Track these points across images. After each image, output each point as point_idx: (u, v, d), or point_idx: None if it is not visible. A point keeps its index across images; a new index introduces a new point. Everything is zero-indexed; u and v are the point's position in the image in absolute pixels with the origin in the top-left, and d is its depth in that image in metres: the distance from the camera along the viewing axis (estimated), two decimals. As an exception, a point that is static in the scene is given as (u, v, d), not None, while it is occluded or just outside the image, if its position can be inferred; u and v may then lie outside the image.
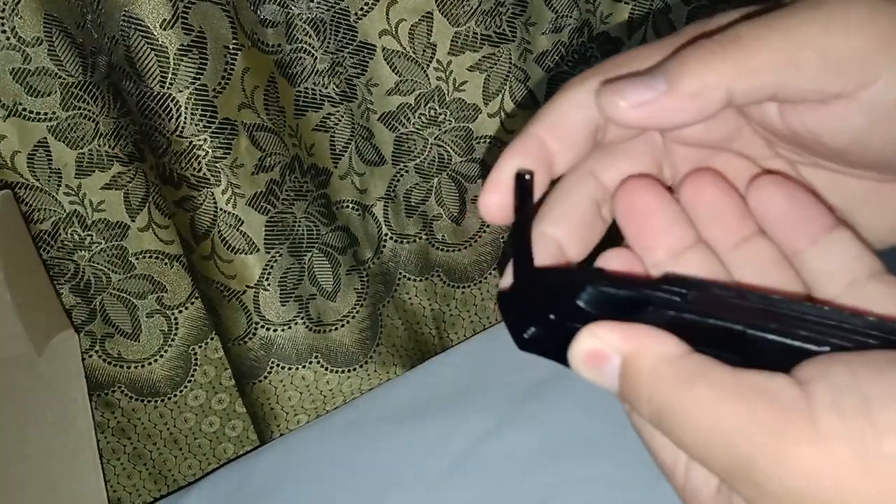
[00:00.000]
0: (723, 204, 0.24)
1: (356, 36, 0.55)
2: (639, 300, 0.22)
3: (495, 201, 0.23)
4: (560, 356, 0.22)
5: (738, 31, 0.21)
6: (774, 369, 0.19)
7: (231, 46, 0.50)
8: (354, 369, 0.60)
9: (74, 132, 0.53)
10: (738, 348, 0.20)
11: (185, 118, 0.49)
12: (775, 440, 0.18)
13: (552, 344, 0.22)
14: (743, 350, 0.21)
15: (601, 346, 0.21)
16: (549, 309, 0.22)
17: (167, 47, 0.47)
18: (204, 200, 0.51)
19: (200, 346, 0.62)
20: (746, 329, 0.21)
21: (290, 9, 0.52)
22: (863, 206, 0.24)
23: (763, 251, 0.24)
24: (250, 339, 0.56)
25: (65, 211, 0.55)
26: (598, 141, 0.24)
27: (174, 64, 0.47)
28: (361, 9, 0.54)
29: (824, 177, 0.24)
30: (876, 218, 0.24)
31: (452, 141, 0.61)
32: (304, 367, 0.58)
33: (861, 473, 0.17)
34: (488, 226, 0.64)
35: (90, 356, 0.60)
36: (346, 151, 0.58)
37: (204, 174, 0.51)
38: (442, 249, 0.64)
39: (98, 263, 0.57)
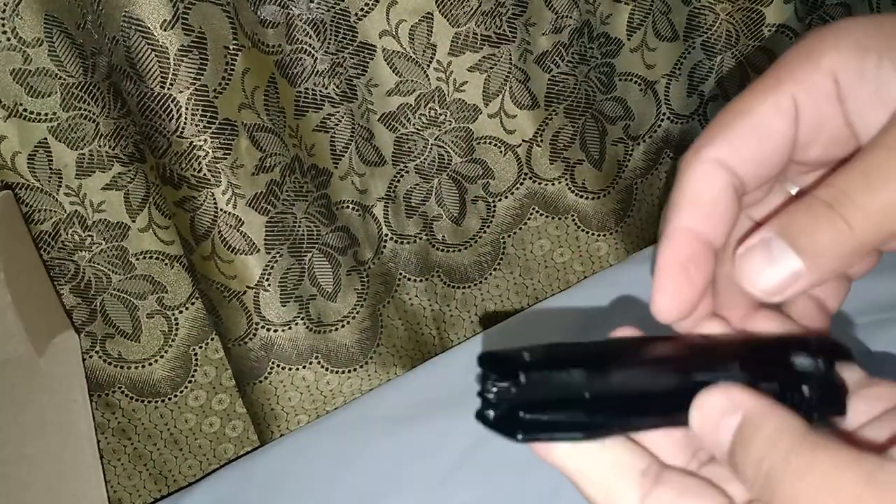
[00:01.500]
0: None
1: (356, 36, 0.55)
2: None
3: (669, 304, 0.23)
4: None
5: (856, 199, 0.20)
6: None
7: (231, 47, 0.50)
8: (355, 370, 0.60)
9: (75, 133, 0.53)
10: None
11: (186, 119, 0.49)
12: None
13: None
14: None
15: (730, 403, 0.21)
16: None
17: (167, 48, 0.47)
18: (204, 201, 0.52)
19: (201, 347, 0.62)
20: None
21: (291, 9, 0.53)
22: None
23: None
24: (250, 339, 0.56)
25: (65, 211, 0.55)
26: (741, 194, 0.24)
27: (174, 64, 0.47)
28: (361, 9, 0.54)
29: None
30: None
31: (452, 141, 0.61)
32: (304, 367, 0.58)
33: None
34: (488, 226, 0.64)
35: (90, 357, 0.60)
36: (346, 152, 0.58)
37: (204, 175, 0.51)
38: (442, 250, 0.64)
39: (98, 264, 0.57)
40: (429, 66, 0.57)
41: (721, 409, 0.21)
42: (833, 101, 0.22)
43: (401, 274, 0.64)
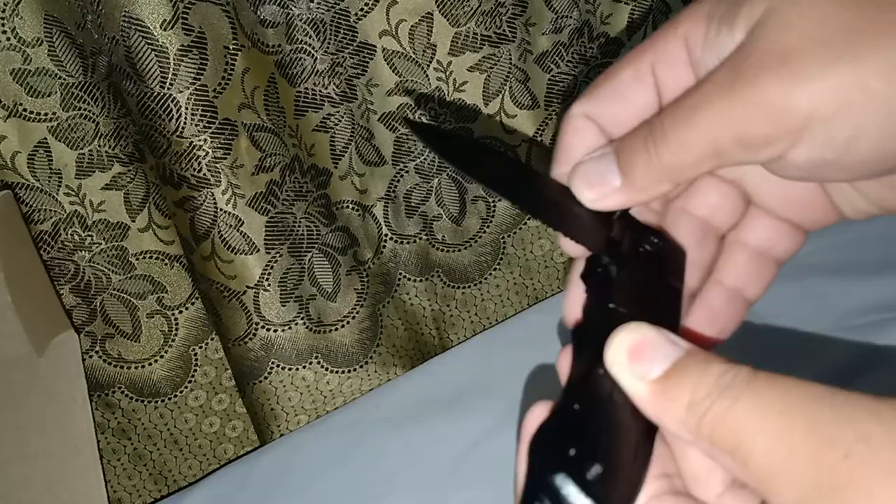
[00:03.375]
0: None
1: (356, 36, 0.55)
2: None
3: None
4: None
5: (665, 130, 0.22)
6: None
7: (231, 47, 0.50)
8: (354, 370, 0.60)
9: (75, 133, 0.53)
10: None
11: (186, 119, 0.49)
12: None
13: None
14: None
15: (667, 338, 0.20)
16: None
17: (167, 48, 0.47)
18: (204, 201, 0.52)
19: (201, 347, 0.62)
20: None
21: (291, 9, 0.53)
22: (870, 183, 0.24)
23: None
24: (250, 339, 0.56)
25: (65, 211, 0.55)
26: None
27: (174, 64, 0.47)
28: (361, 9, 0.54)
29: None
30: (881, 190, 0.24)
31: (452, 141, 0.61)
32: (304, 367, 0.58)
33: None
34: (488, 226, 0.64)
35: (90, 357, 0.60)
36: (346, 152, 0.58)
37: (204, 174, 0.51)
38: (442, 250, 0.64)
39: (98, 264, 0.57)
40: (429, 65, 0.57)
41: (659, 339, 0.20)
42: (687, 67, 0.24)
43: (401, 274, 0.64)
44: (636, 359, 0.20)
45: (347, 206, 0.60)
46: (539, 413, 0.22)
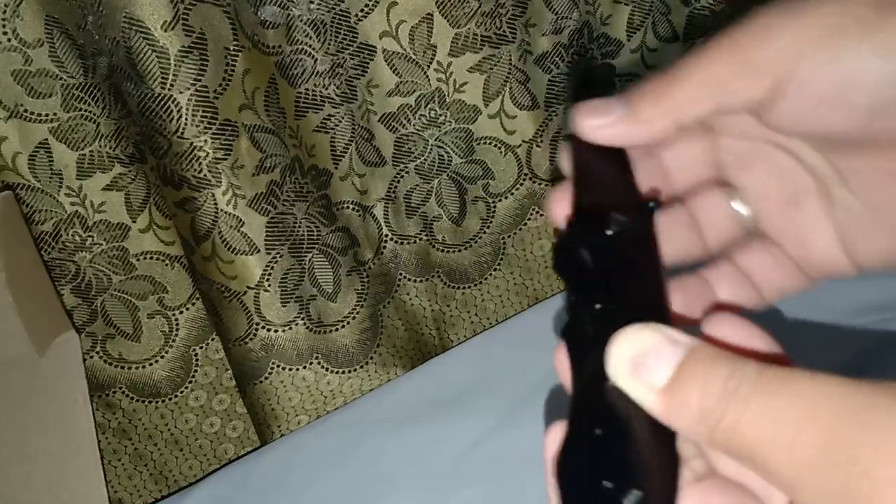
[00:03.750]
0: None
1: (356, 37, 0.55)
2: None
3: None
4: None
5: (679, 69, 0.24)
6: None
7: (232, 48, 0.50)
8: (355, 370, 0.60)
9: (75, 133, 0.53)
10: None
11: (186, 119, 0.49)
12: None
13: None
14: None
15: (668, 337, 0.20)
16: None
17: (168, 49, 0.47)
18: (205, 201, 0.52)
19: (201, 347, 0.62)
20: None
21: (291, 10, 0.53)
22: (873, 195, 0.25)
23: None
24: (251, 339, 0.56)
25: (66, 212, 0.55)
26: None
27: (175, 65, 0.48)
28: (362, 10, 0.54)
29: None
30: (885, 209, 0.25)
31: (453, 142, 0.61)
32: (304, 367, 0.58)
33: None
34: (488, 226, 0.64)
35: (91, 357, 0.60)
36: (346, 152, 0.58)
37: (205, 175, 0.51)
38: (442, 250, 0.64)
39: (99, 264, 0.57)
40: (429, 66, 0.57)
41: (659, 343, 0.20)
42: None
43: (401, 274, 0.64)
44: (639, 370, 0.20)
45: (348, 207, 0.60)
46: (556, 436, 0.22)
